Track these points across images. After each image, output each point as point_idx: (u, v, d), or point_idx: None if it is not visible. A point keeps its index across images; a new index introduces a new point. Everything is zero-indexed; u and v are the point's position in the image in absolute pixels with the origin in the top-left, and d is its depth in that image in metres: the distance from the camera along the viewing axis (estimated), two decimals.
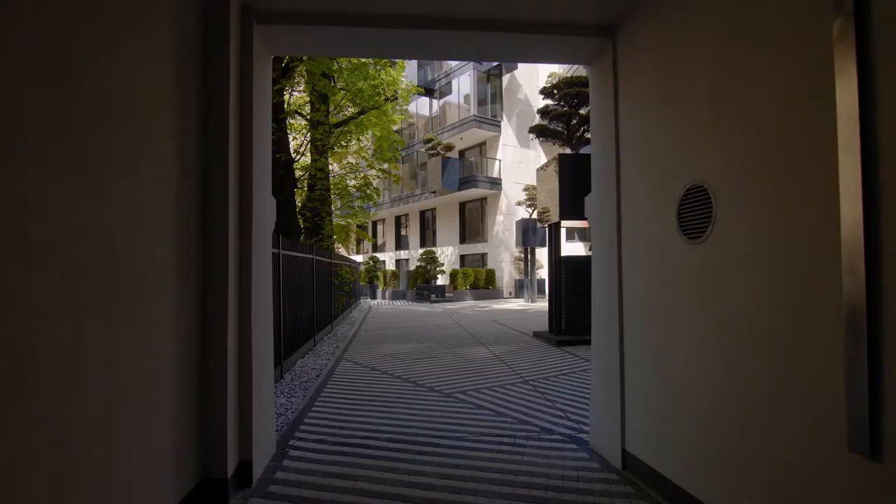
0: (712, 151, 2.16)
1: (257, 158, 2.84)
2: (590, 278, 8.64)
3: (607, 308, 3.15)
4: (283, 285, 5.80)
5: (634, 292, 2.87)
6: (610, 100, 3.08)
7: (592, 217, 3.43)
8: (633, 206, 2.87)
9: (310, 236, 10.21)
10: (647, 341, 2.72)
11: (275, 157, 7.93)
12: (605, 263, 3.20)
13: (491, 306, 18.71)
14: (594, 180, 3.41)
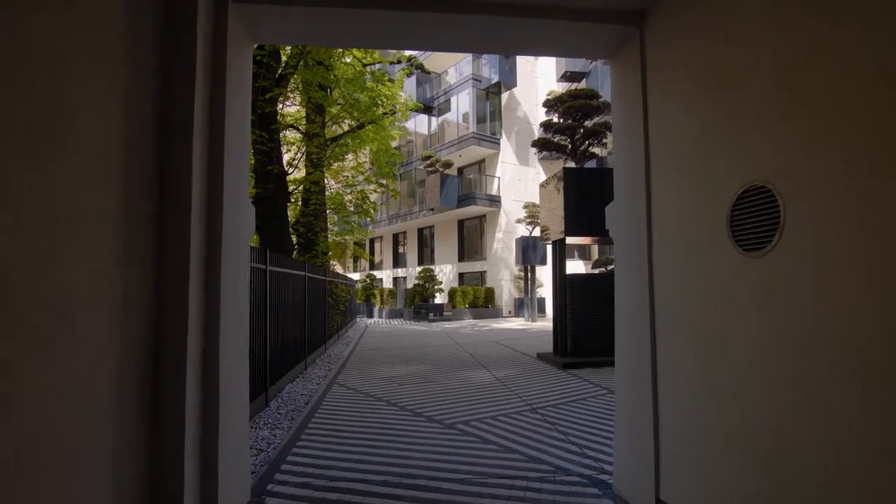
0: (777, 146, 1.78)
1: (231, 159, 2.45)
2: (597, 297, 8.26)
3: (635, 331, 2.74)
4: (270, 304, 5.37)
5: (670, 313, 2.46)
6: (637, 96, 2.72)
7: (616, 228, 3.04)
8: (668, 214, 2.48)
9: (303, 252, 9.80)
10: (687, 371, 2.31)
11: (266, 169, 7.58)
12: (632, 280, 2.79)
13: (490, 325, 18.23)
14: (618, 187, 3.04)
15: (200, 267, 2.21)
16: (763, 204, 1.84)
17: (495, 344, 11.52)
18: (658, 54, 2.59)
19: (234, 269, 2.48)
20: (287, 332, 6.37)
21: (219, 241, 2.29)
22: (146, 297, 1.99)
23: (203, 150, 2.25)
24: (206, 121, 2.31)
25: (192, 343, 2.10)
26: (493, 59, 23.65)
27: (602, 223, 7.76)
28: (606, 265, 13.04)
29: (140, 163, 1.99)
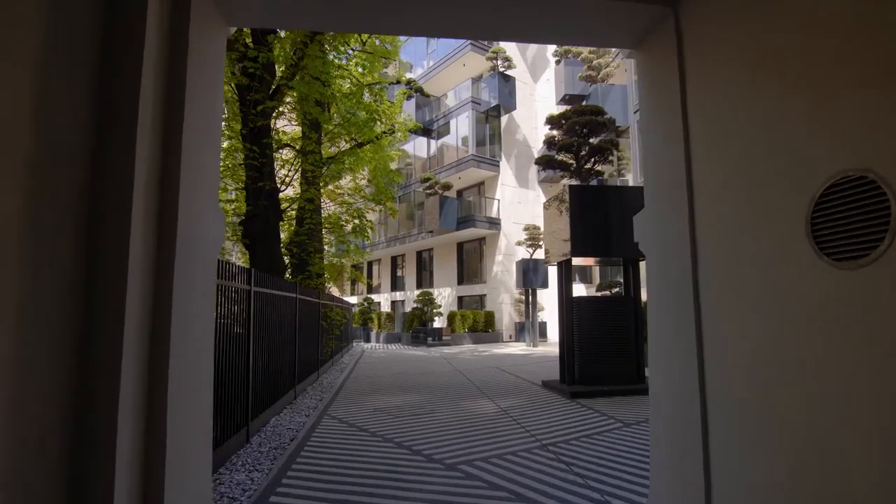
0: (878, 126, 1.38)
1: (192, 156, 2.04)
2: (606, 321, 7.79)
3: (677, 363, 2.30)
4: (255, 328, 4.92)
5: (724, 341, 2.03)
6: (671, 90, 2.34)
7: (647, 241, 2.63)
8: (718, 223, 2.07)
9: (297, 273, 9.36)
10: (751, 413, 1.86)
11: (257, 185, 7.21)
12: (671, 300, 2.37)
13: (491, 350, 17.66)
14: (648, 193, 2.63)
15: (147, 280, 1.78)
16: (856, 202, 1.43)
17: (497, 370, 10.99)
18: (699, 40, 2.22)
19: (195, 286, 2.05)
20: (275, 359, 5.90)
21: (172, 252, 1.86)
22: (68, 313, 1.56)
23: (152, 144, 1.84)
24: (161, 112, 1.91)
25: (128, 376, 1.65)
26: (492, 82, 23.68)
27: (609, 243, 7.35)
28: (611, 288, 12.62)
29: (66, 155, 1.58)
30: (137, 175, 1.72)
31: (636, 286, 8.06)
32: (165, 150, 1.93)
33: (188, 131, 2.01)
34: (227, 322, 4.14)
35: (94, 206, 1.68)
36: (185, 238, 1.96)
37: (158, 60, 1.88)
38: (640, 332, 7.95)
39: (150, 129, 1.83)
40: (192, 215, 2.03)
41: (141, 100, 1.75)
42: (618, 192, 8.23)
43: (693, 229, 2.20)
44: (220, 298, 3.94)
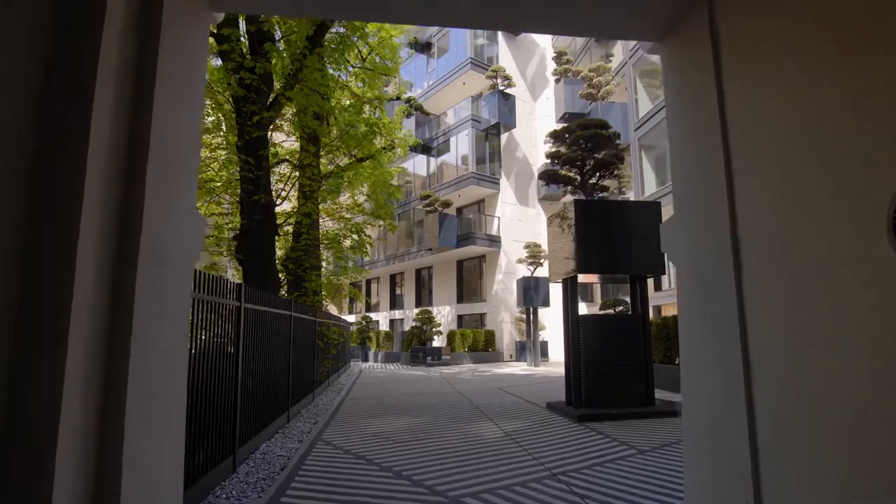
0: None
1: (165, 155, 1.79)
2: (614, 340, 7.47)
3: (719, 385, 2.02)
4: (245, 347, 4.61)
5: (779, 360, 1.75)
6: (705, 83, 2.11)
7: (679, 248, 2.36)
8: (766, 223, 1.82)
9: (293, 291, 9.07)
10: (817, 432, 1.58)
11: (252, 198, 6.97)
12: (709, 310, 2.09)
13: (492, 370, 17.24)
14: (679, 198, 2.38)
15: (102, 290, 1.50)
16: None
17: (499, 391, 10.61)
18: (739, 28, 1.99)
19: (160, 298, 1.78)
20: (266, 380, 5.57)
21: (134, 258, 1.59)
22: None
23: (112, 133, 1.59)
24: (127, 97, 1.66)
25: (70, 407, 1.36)
26: (492, 100, 23.72)
27: (616, 259, 7.08)
28: (615, 306, 12.32)
29: (9, 141, 1.33)
30: (91, 167, 1.46)
31: (643, 304, 7.78)
32: (131, 141, 1.68)
33: (159, 122, 1.75)
34: (213, 341, 3.85)
35: (39, 201, 1.42)
36: (152, 243, 1.69)
37: (124, 37, 1.64)
38: (649, 351, 7.65)
39: (111, 116, 1.57)
40: (160, 218, 1.76)
41: (99, 81, 1.50)
42: (624, 206, 8.01)
43: (735, 234, 1.94)
44: (206, 315, 3.66)
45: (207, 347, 3.71)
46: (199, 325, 3.57)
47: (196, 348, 3.49)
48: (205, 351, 3.67)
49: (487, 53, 25.17)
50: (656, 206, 7.54)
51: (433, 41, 27.23)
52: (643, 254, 7.45)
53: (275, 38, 7.46)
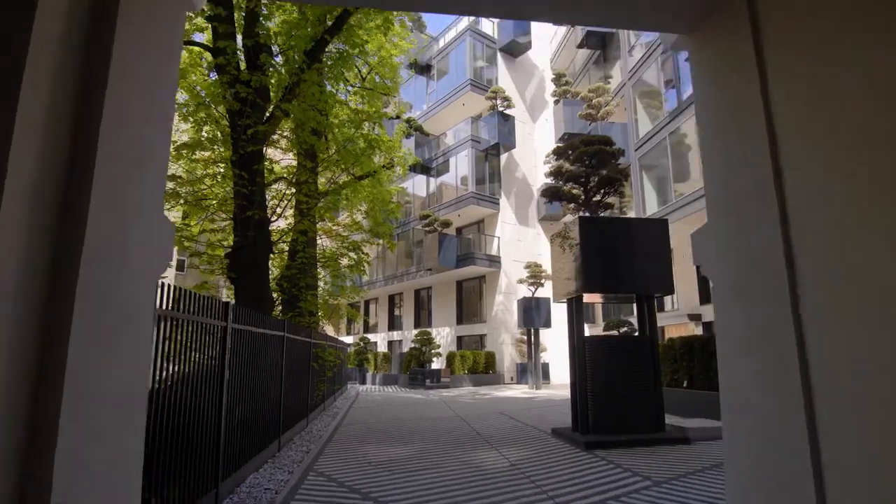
0: None
1: (121, 152, 1.53)
2: (622, 363, 7.14)
3: (774, 413, 1.73)
4: (232, 370, 4.30)
5: (848, 387, 1.47)
6: (746, 76, 1.87)
7: (716, 257, 2.10)
8: (832, 226, 1.56)
9: (287, 311, 8.77)
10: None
11: (245, 214, 6.73)
12: (757, 325, 1.81)
13: (492, 393, 16.79)
14: (714, 206, 2.12)
15: (17, 315, 1.23)
16: None
17: (501, 416, 10.21)
18: (786, 15, 1.77)
19: (114, 318, 1.50)
20: (255, 406, 5.24)
21: (76, 266, 1.32)
22: None
23: (46, 128, 1.33)
24: (67, 74, 1.41)
25: None
26: (491, 121, 23.75)
27: (622, 277, 6.80)
28: (619, 327, 12.00)
29: None
30: (15, 164, 1.19)
31: (651, 324, 7.48)
32: (75, 135, 1.42)
33: (115, 113, 1.50)
34: (195, 364, 3.54)
35: None
36: (100, 255, 1.42)
37: (70, 8, 1.40)
38: (659, 374, 7.32)
39: (47, 105, 1.32)
40: (113, 225, 1.50)
41: (30, 61, 1.25)
42: (630, 223, 7.77)
43: (788, 243, 1.68)
44: (186, 337, 3.37)
45: (188, 372, 3.41)
46: (180, 347, 3.28)
47: (175, 374, 3.19)
48: (185, 376, 3.36)
49: (487, 76, 25.33)
50: (663, 224, 7.31)
51: (433, 63, 27.47)
52: (651, 272, 7.19)
53: (272, 51, 7.33)
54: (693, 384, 9.88)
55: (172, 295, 3.05)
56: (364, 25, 9.42)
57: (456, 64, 25.50)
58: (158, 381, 2.97)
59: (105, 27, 1.49)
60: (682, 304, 17.29)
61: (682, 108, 14.96)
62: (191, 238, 7.71)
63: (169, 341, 3.07)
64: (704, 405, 9.12)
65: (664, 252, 7.20)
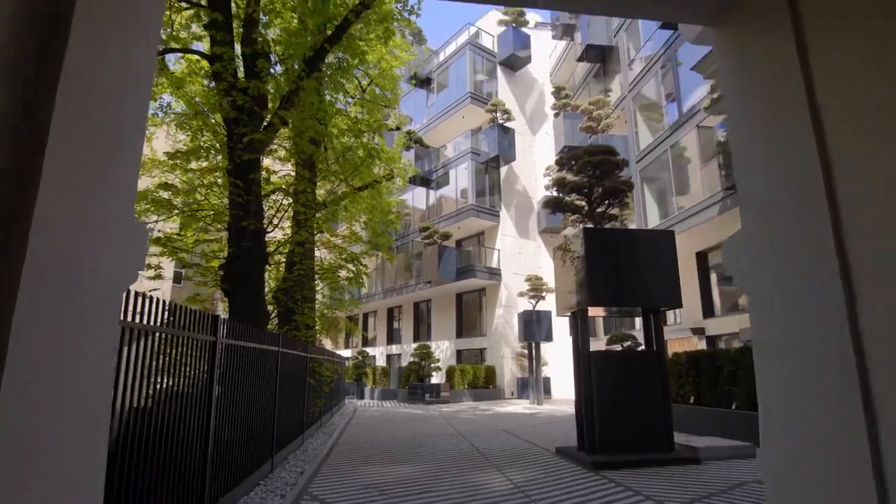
0: None
1: (79, 144, 1.33)
2: (630, 379, 6.89)
3: (827, 438, 1.51)
4: (225, 387, 4.07)
5: None
6: (784, 68, 1.68)
7: (753, 267, 1.89)
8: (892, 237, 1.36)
9: (284, 324, 8.53)
10: None
11: (240, 224, 6.53)
12: (807, 341, 1.61)
13: (493, 409, 16.46)
14: (749, 211, 1.91)
15: None
16: None
17: (503, 433, 9.92)
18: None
19: (68, 333, 1.29)
20: (247, 425, 4.98)
21: (17, 274, 1.12)
22: None
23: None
24: (19, 43, 1.22)
25: None
26: (491, 133, 23.72)
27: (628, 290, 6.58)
28: (622, 342, 11.77)
29: None
30: None
31: (659, 338, 7.26)
32: (20, 121, 1.22)
33: (71, 95, 1.31)
34: (181, 382, 3.32)
35: None
36: (50, 261, 1.21)
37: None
38: (668, 390, 7.07)
39: None
40: (69, 227, 1.29)
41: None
42: (636, 235, 7.59)
43: (841, 246, 1.48)
44: (171, 352, 3.15)
45: (173, 390, 3.18)
46: (163, 364, 3.06)
47: (158, 392, 2.97)
48: (170, 394, 3.14)
49: (487, 89, 25.37)
50: (670, 235, 7.12)
51: (433, 76, 27.54)
52: (657, 285, 6.99)
53: (270, 59, 7.21)
54: (700, 400, 9.62)
55: (152, 307, 2.84)
56: (364, 37, 9.33)
57: (456, 77, 25.55)
58: (139, 400, 2.75)
59: (62, 15, 1.30)
60: (684, 318, 17.03)
61: (682, 120, 14.89)
62: (185, 249, 7.51)
63: (149, 357, 2.85)
64: (713, 422, 8.86)
65: (671, 264, 7.01)
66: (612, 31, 20.74)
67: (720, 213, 12.86)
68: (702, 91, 13.89)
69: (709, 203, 13.20)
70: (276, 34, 8.24)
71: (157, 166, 7.98)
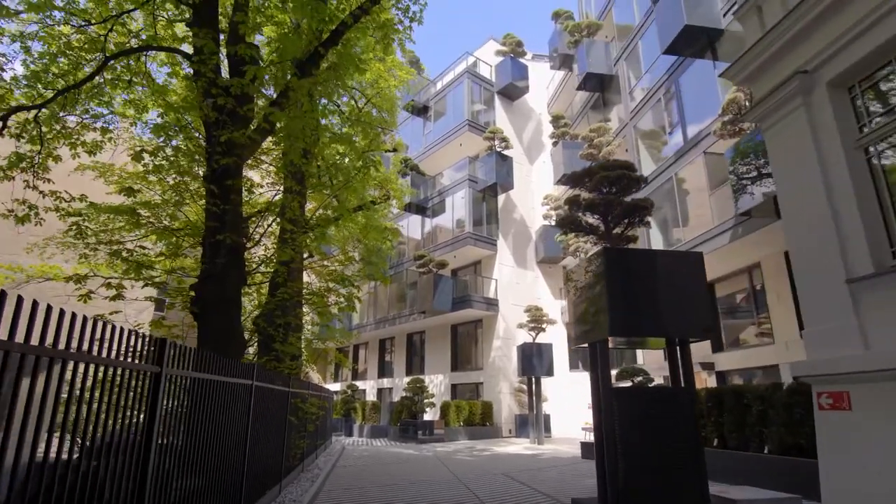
0: None
1: None
2: (658, 420, 5.95)
3: None
4: (166, 434, 3.18)
5: None
6: None
7: None
8: None
9: (265, 354, 7.61)
10: None
11: (215, 237, 5.73)
12: None
13: (492, 449, 15.30)
14: None
15: None
16: None
17: (505, 479, 8.88)
18: None
19: None
20: (205, 474, 4.04)
21: None
22: None
23: None
24: None
25: None
26: (489, 161, 23.27)
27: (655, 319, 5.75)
28: (633, 376, 10.87)
29: None
30: None
31: (688, 374, 6.42)
32: None
33: None
34: (105, 428, 2.45)
35: None
36: None
37: None
38: (699, 434, 6.19)
39: None
40: None
41: None
42: (663, 256, 6.85)
43: None
44: (89, 387, 2.30)
45: (91, 438, 2.32)
46: (82, 403, 2.21)
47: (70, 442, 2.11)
48: (88, 444, 2.28)
49: (484, 118, 25.10)
50: (698, 258, 6.39)
51: (430, 104, 27.33)
52: (687, 312, 6.21)
53: (258, 55, 6.56)
54: (725, 443, 8.70)
55: (60, 322, 2.01)
56: (364, 49, 8.79)
57: (454, 105, 25.30)
58: (35, 454, 1.90)
59: None
60: (692, 352, 16.18)
61: (688, 146, 14.45)
62: (151, 265, 6.64)
63: (51, 394, 2.01)
64: (741, 468, 7.92)
65: (701, 289, 6.25)
66: (612, 60, 20.63)
67: (731, 240, 12.22)
68: (709, 117, 13.50)
69: (718, 231, 12.59)
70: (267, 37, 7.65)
71: (126, 180, 7.20)
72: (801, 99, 5.08)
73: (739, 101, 10.39)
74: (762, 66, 5.56)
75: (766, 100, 5.43)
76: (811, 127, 4.99)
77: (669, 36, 13.98)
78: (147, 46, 6.66)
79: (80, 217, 6.91)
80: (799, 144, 5.08)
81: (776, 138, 5.39)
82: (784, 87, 5.21)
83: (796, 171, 5.12)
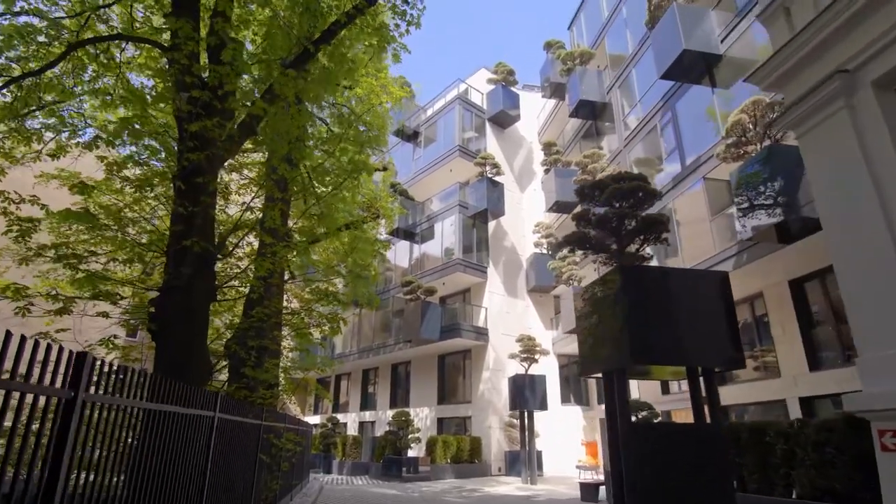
0: None
1: None
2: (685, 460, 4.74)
3: None
4: (76, 480, 2.36)
5: None
6: None
7: None
8: None
9: (235, 381, 6.74)
10: None
11: (182, 244, 4.96)
12: None
13: (482, 489, 14.23)
14: None
15: None
16: None
17: None
18: None
19: None
20: None
21: None
22: None
23: None
24: None
25: None
26: (480, 187, 22.86)
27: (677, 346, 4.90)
28: (638, 411, 10.12)
29: None
30: None
31: (714, 407, 5.73)
32: None
33: None
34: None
35: None
36: None
37: None
38: (731, 477, 5.45)
39: None
40: None
41: None
42: (682, 276, 6.24)
43: None
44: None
45: None
46: None
47: None
48: None
49: (475, 146, 24.80)
50: (723, 278, 5.80)
51: (421, 130, 27.05)
52: (713, 339, 5.56)
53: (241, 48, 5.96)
54: (744, 486, 7.92)
55: None
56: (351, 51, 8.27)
57: (445, 130, 25.03)
58: None
59: None
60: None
61: (686, 172, 14.16)
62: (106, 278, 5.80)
63: None
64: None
65: (727, 313, 5.63)
66: (605, 88, 20.61)
67: (735, 268, 11.71)
68: (708, 142, 13.25)
69: (721, 258, 12.11)
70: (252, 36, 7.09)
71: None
72: (843, 101, 4.61)
73: (744, 123, 10.09)
74: (794, 68, 5.12)
75: (801, 103, 4.96)
76: (856, 130, 4.50)
77: (667, 61, 13.84)
78: (118, 35, 6.02)
79: (31, 223, 6.08)
80: (843, 150, 4.58)
81: (815, 144, 4.90)
82: (822, 89, 4.75)
83: (841, 179, 4.60)
